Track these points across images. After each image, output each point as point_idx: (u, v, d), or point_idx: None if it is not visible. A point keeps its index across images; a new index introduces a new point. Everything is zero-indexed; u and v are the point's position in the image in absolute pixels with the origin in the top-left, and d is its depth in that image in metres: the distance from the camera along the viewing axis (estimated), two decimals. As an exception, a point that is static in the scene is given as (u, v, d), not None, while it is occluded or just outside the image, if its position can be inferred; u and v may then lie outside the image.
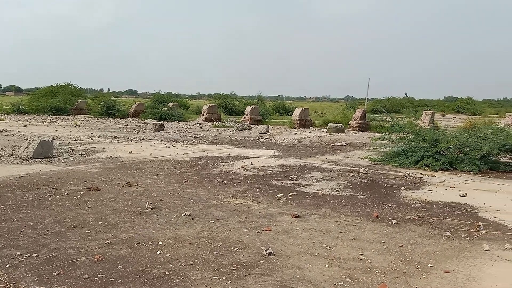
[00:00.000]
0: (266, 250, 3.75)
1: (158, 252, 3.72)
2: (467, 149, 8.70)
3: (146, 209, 5.05)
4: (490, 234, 4.40)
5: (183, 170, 7.76)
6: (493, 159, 8.75)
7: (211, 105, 23.79)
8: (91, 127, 17.48)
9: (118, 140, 12.48)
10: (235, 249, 3.85)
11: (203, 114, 22.63)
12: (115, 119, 23.13)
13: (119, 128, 17.45)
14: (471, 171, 8.08)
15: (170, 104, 25.29)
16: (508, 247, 3.97)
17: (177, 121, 22.07)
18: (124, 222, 4.58)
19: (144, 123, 19.76)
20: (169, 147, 11.16)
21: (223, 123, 20.71)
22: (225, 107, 28.74)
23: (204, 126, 19.43)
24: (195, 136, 14.12)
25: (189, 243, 3.96)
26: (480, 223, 4.64)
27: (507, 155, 8.97)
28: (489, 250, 3.88)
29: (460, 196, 6.08)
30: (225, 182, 6.75)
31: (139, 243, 3.95)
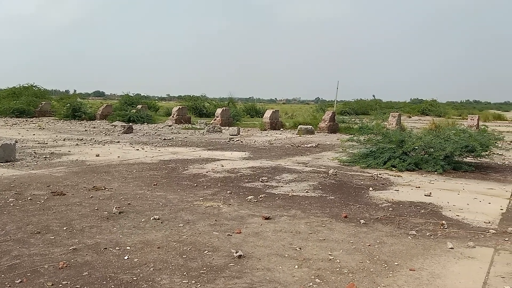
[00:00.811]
0: (236, 252, 3.74)
1: (126, 257, 3.65)
2: (432, 149, 8.97)
3: (114, 213, 4.94)
4: (454, 232, 4.55)
5: (152, 173, 7.64)
6: (456, 159, 9.05)
7: (181, 107, 23.57)
8: (56, 130, 16.97)
9: (85, 143, 12.18)
10: (205, 252, 3.82)
11: (173, 116, 22.38)
12: (81, 122, 22.55)
13: (85, 130, 17.03)
14: (435, 171, 8.33)
15: (139, 106, 24.86)
16: (471, 244, 4.11)
17: (146, 123, 21.74)
18: (90, 227, 4.47)
19: (112, 125, 19.36)
20: (138, 149, 10.98)
21: (193, 125, 20.56)
22: (195, 109, 28.53)
23: (174, 128, 19.22)
24: (164, 139, 13.95)
25: (158, 247, 3.90)
26: (444, 222, 4.78)
27: (469, 155, 9.29)
28: (453, 248, 4.00)
29: (425, 195, 6.25)
30: (195, 185, 6.69)
31: (105, 248, 3.86)
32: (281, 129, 19.62)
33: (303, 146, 12.63)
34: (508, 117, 37.55)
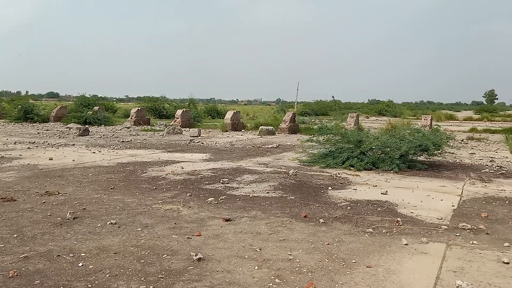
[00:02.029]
0: (195, 255, 3.69)
1: (80, 264, 3.52)
2: (388, 149, 9.24)
3: (68, 219, 4.76)
4: (408, 229, 4.70)
5: (109, 176, 7.43)
6: (411, 158, 9.37)
7: (140, 108, 23.10)
8: (6, 133, 16.17)
9: (37, 146, 11.66)
10: (164, 256, 3.74)
11: (131, 118, 21.90)
12: (33, 124, 21.62)
13: (38, 133, 16.33)
14: (391, 170, 8.59)
15: (96, 108, 24.16)
16: (424, 240, 4.26)
17: (103, 126, 21.13)
18: (43, 233, 4.28)
19: (66, 127, 18.65)
20: (94, 152, 10.64)
21: (153, 127, 20.20)
22: (155, 111, 28.05)
23: (132, 130, 18.79)
24: (122, 141, 13.60)
25: (115, 253, 3.79)
26: (399, 219, 4.94)
27: (423, 154, 9.65)
28: (407, 244, 4.13)
29: (381, 194, 6.42)
30: (154, 187, 6.56)
31: (59, 255, 3.71)
32: (243, 130, 19.64)
33: (264, 147, 12.69)
34: (459, 117, 39.41)
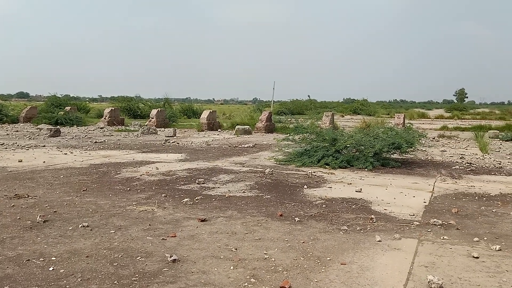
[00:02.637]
0: (170, 257, 3.65)
1: (51, 269, 3.42)
2: (362, 147, 9.38)
3: (38, 222, 4.63)
4: (382, 225, 4.77)
5: (81, 178, 7.27)
6: (385, 156, 9.53)
7: (113, 108, 22.72)
8: (-27, 134, 15.62)
9: (6, 148, 11.31)
10: (138, 258, 3.68)
11: (104, 118, 21.51)
12: (2, 125, 20.94)
13: (7, 134, 15.83)
14: (365, 168, 8.71)
15: (68, 108, 23.63)
16: (397, 236, 4.34)
17: (75, 126, 20.66)
18: (12, 238, 4.15)
19: (37, 128, 18.17)
20: (66, 154, 10.39)
21: (127, 127, 19.89)
22: (129, 110, 27.61)
23: (106, 130, 18.45)
24: (95, 142, 13.34)
25: (87, 256, 3.70)
26: (373, 216, 5.01)
27: (396, 152, 9.83)
28: (381, 241, 4.20)
29: (356, 191, 6.51)
30: (128, 189, 6.45)
31: (28, 260, 3.60)
32: (219, 130, 19.56)
33: (240, 146, 12.67)
34: (431, 115, 40.38)
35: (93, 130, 18.70)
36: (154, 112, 21.08)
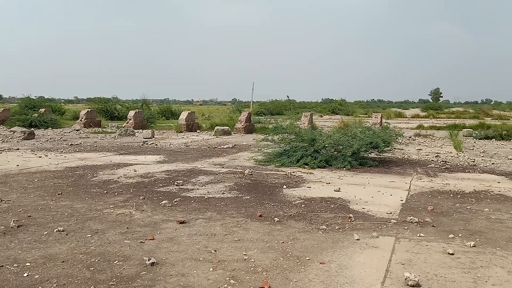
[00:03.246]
0: (148, 260, 3.60)
1: (25, 275, 3.34)
2: (340, 147, 9.47)
3: (11, 227, 4.50)
4: (360, 224, 4.83)
5: (56, 181, 7.11)
6: (362, 155, 9.65)
7: (90, 109, 22.32)
8: None
9: (-22, 151, 10.97)
10: (115, 262, 3.63)
11: (81, 120, 21.12)
12: (-26, 128, 20.34)
13: (-21, 137, 15.37)
14: (344, 167, 8.80)
15: (42, 110, 23.11)
16: (375, 235, 4.40)
17: (51, 128, 20.21)
18: (-17, 244, 4.02)
19: (10, 131, 17.68)
20: (41, 157, 10.15)
21: (104, 129, 19.58)
22: (106, 112, 27.19)
23: (82, 132, 18.11)
24: (71, 144, 13.08)
25: (62, 261, 3.62)
26: (351, 215, 5.06)
27: (374, 151, 9.97)
28: (359, 239, 4.25)
29: (334, 191, 6.57)
30: (105, 192, 6.35)
31: (2, 266, 3.50)
32: (198, 131, 19.45)
33: (219, 147, 12.63)
34: (408, 114, 41.11)
35: (69, 132, 18.33)
36: (131, 113, 20.81)
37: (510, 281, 3.29)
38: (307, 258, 3.75)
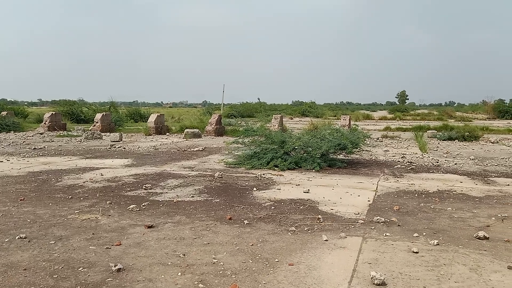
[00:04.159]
0: (115, 266, 3.52)
1: (-17, 285, 3.19)
2: (310, 149, 9.57)
3: (-31, 236, 4.31)
4: (328, 225, 4.89)
5: (18, 187, 6.86)
6: (331, 157, 9.79)
7: (54, 112, 21.71)
8: None
9: None
10: (80, 269, 3.52)
11: (45, 123, 20.48)
12: None
13: None
14: (313, 169, 8.90)
15: (4, 113, 22.25)
16: (343, 235, 4.46)
17: (12, 132, 19.50)
18: None
19: (-30, 135, 16.97)
20: (2, 161, 9.77)
21: (70, 132, 19.06)
22: (72, 115, 26.48)
23: (46, 136, 17.55)
24: (34, 148, 12.65)
25: (24, 269, 3.49)
26: (320, 216, 5.12)
27: (342, 153, 10.13)
28: (327, 240, 4.30)
29: (304, 192, 6.62)
30: (70, 197, 6.17)
31: (-43, 277, 3.34)
32: (167, 134, 19.22)
33: (189, 150, 12.52)
34: (375, 116, 42.03)
35: (32, 136, 17.74)
36: (98, 116, 20.36)
37: (472, 278, 3.40)
38: (276, 260, 3.76)
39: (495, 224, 4.96)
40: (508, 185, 7.43)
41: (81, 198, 6.09)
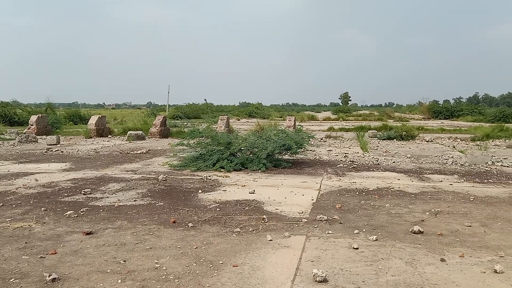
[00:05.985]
0: (49, 276, 3.33)
1: None
2: (256, 150, 9.62)
3: None
4: (273, 225, 4.93)
5: None
6: (277, 157, 9.90)
7: (-15, 114, 20.22)
8: None
9: None
10: (11, 280, 3.30)
11: (-26, 126, 19.04)
12: None
13: None
14: (259, 170, 8.96)
15: None
16: (287, 234, 4.51)
17: None
18: None
19: None
20: None
21: (2, 136, 17.86)
22: (4, 117, 24.80)
23: (-24, 139, 16.34)
24: (-38, 153, 11.73)
25: None
26: (264, 216, 5.15)
27: (287, 153, 10.28)
28: (272, 240, 4.33)
29: (249, 193, 6.64)
30: (1, 204, 5.77)
31: None
32: (109, 136, 18.56)
33: (133, 152, 12.16)
34: (320, 117, 43.15)
35: (-40, 139, 16.43)
36: (33, 118, 19.24)
37: (408, 271, 3.57)
38: (221, 262, 3.73)
39: (429, 218, 5.25)
40: (441, 181, 7.89)
41: (13, 206, 5.71)
